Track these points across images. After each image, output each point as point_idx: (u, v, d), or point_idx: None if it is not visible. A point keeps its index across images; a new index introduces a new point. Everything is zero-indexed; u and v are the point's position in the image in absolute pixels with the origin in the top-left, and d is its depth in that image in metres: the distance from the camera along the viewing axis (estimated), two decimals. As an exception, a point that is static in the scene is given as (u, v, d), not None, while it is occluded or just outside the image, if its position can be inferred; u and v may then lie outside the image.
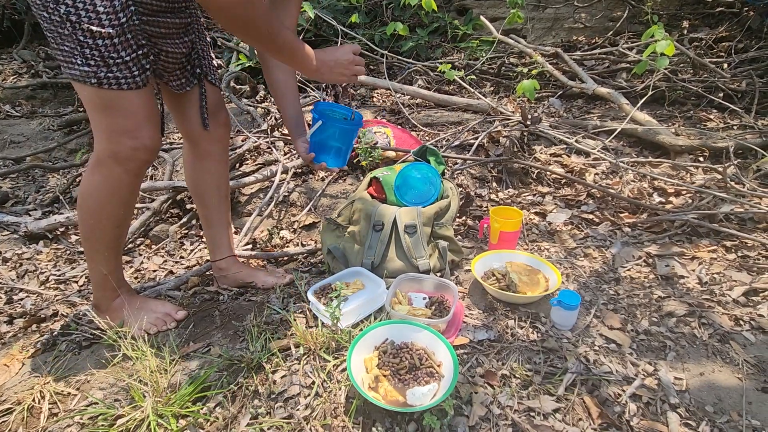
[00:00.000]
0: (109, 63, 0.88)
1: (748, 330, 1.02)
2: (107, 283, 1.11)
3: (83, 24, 0.84)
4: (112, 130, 0.95)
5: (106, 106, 0.93)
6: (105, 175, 0.99)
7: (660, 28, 1.94)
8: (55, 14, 0.84)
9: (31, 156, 2.71)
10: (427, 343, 0.96)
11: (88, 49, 0.87)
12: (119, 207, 1.05)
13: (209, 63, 1.12)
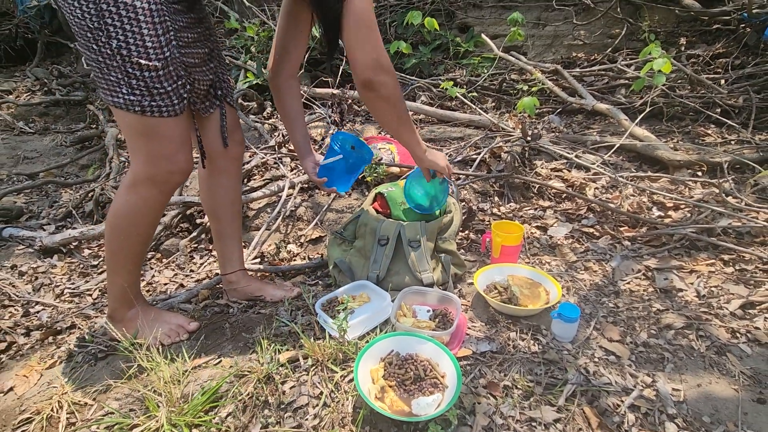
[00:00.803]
0: (153, 93, 0.94)
1: (744, 342, 1.05)
2: (125, 295, 1.16)
3: (133, 58, 0.90)
4: (152, 154, 1.01)
5: (147, 132, 0.98)
6: (141, 196, 1.05)
7: (657, 45, 2.00)
8: (106, 47, 0.90)
9: (45, 171, 2.78)
10: (431, 354, 0.99)
11: (134, 80, 0.92)
12: (149, 225, 1.11)
13: (228, 85, 1.18)
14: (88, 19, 0.88)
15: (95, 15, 0.87)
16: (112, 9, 0.86)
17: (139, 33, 0.89)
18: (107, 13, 0.87)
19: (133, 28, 0.88)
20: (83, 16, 0.88)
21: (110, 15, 0.87)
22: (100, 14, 0.87)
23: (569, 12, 3.12)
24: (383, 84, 0.99)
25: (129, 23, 0.88)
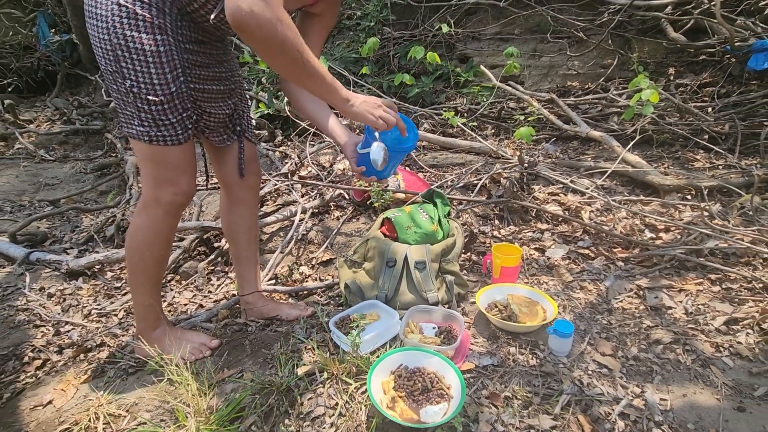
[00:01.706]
0: (158, 124, 1.06)
1: (727, 356, 1.13)
2: (149, 314, 1.26)
3: (142, 95, 1.03)
4: (157, 179, 1.13)
5: (154, 158, 1.11)
6: (150, 216, 1.16)
7: (645, 77, 2.14)
8: (122, 87, 1.04)
9: (66, 198, 2.92)
10: (437, 367, 1.08)
11: (144, 113, 1.05)
12: (162, 246, 1.21)
13: (248, 122, 1.31)
14: (109, 64, 1.02)
15: (113, 60, 1.01)
16: (126, 54, 1.00)
17: (147, 73, 1.01)
18: (122, 58, 1.00)
19: (142, 69, 1.01)
20: (106, 62, 1.02)
21: (124, 59, 1.00)
22: (116, 59, 1.00)
23: (563, 44, 3.29)
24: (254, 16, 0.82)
25: (139, 65, 1.00)
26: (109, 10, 0.97)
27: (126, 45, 0.98)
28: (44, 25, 4.64)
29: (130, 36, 0.98)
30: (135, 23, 0.97)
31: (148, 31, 0.98)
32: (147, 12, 0.98)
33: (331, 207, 2.11)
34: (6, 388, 1.25)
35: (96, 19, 0.99)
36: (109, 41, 0.99)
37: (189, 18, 1.05)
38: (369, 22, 3.63)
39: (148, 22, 0.98)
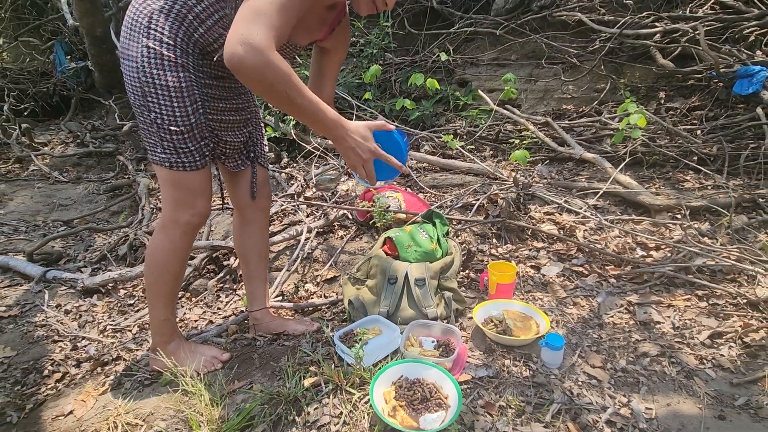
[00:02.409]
0: (179, 152, 1.17)
1: (710, 368, 1.20)
2: (165, 328, 1.33)
3: (164, 126, 1.14)
4: (176, 201, 1.22)
5: (173, 183, 1.20)
6: (168, 236, 1.25)
7: (632, 102, 2.26)
8: (147, 118, 1.14)
9: (79, 219, 3.03)
10: (435, 378, 1.14)
11: (166, 142, 1.15)
12: (178, 263, 1.30)
13: (261, 149, 1.41)
14: (137, 98, 1.13)
15: (141, 95, 1.12)
16: (152, 90, 1.11)
17: (170, 106, 1.12)
18: (148, 93, 1.11)
19: (165, 103, 1.12)
20: (134, 96, 1.14)
21: (150, 94, 1.11)
22: (143, 94, 1.12)
23: (558, 69, 3.43)
24: (245, 62, 0.90)
25: (163, 99, 1.11)
26: (140, 52, 1.08)
27: (152, 82, 1.09)
28: (61, 53, 4.84)
29: (156, 74, 1.09)
30: (161, 63, 1.09)
31: (172, 70, 1.10)
32: (172, 53, 1.09)
33: (335, 227, 2.20)
34: (28, 399, 1.33)
35: (128, 60, 1.11)
36: (138, 78, 1.10)
37: (209, 57, 1.17)
38: (372, 49, 3.80)
39: (173, 62, 1.09)
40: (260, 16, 0.92)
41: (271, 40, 0.92)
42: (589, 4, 3.35)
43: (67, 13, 4.24)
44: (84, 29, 3.84)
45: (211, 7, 1.09)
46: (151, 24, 1.08)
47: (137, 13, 1.09)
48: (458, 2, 3.96)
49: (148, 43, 1.08)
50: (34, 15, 5.43)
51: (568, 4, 3.44)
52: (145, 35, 1.08)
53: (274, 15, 0.93)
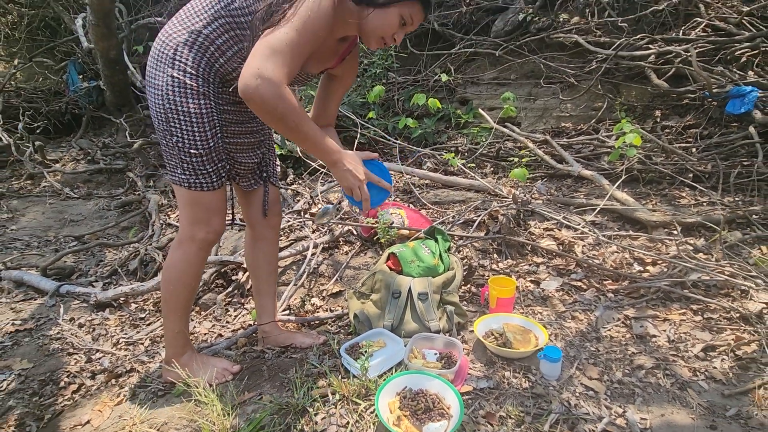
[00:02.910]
0: (197, 173, 1.24)
1: (703, 379, 1.24)
2: (179, 340, 1.39)
3: (185, 149, 1.22)
4: (193, 219, 1.29)
5: (191, 201, 1.28)
6: (184, 252, 1.32)
7: (628, 122, 2.34)
8: (170, 141, 1.22)
9: (90, 234, 3.10)
10: (438, 389, 1.19)
11: (186, 164, 1.23)
12: (193, 277, 1.36)
13: (274, 169, 1.49)
14: (160, 123, 1.22)
15: (164, 120, 1.21)
16: (174, 116, 1.19)
17: (191, 131, 1.20)
18: (171, 119, 1.20)
19: (187, 128, 1.20)
20: (158, 121, 1.22)
21: (173, 120, 1.20)
22: (167, 120, 1.20)
23: (556, 89, 3.53)
24: (259, 93, 1.00)
25: (185, 125, 1.20)
26: (165, 81, 1.17)
27: (175, 108, 1.18)
28: (74, 73, 4.99)
29: (179, 101, 1.17)
30: (184, 91, 1.17)
31: (194, 98, 1.18)
32: (194, 82, 1.18)
33: (341, 242, 2.27)
34: (47, 410, 1.38)
35: (154, 88, 1.20)
36: (162, 105, 1.19)
37: (228, 84, 1.25)
38: (375, 69, 3.92)
39: (195, 90, 1.18)
40: (275, 53, 1.02)
41: (283, 76, 1.02)
42: (585, 26, 3.46)
43: (82, 36, 4.39)
44: (99, 52, 3.98)
45: (231, 40, 1.18)
46: (176, 55, 1.17)
47: (164, 45, 1.19)
48: (459, 24, 4.09)
49: (173, 73, 1.17)
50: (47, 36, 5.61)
51: (565, 27, 3.56)
52: (170, 66, 1.17)
53: (288, 53, 1.03)
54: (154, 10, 5.06)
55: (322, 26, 1.08)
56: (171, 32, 1.19)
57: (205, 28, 1.17)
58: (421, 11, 1.18)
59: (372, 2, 1.13)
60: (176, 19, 1.21)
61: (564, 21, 3.63)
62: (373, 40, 1.19)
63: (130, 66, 4.39)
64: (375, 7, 1.14)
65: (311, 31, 1.06)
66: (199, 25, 1.17)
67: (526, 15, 3.72)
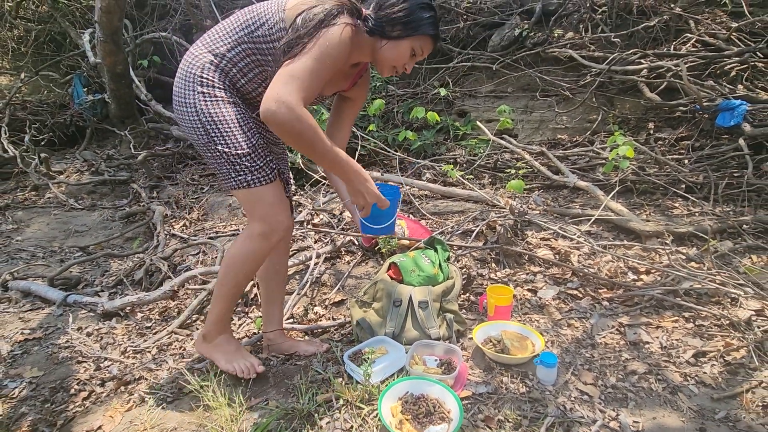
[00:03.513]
0: (252, 170, 1.29)
1: (693, 384, 1.29)
2: (221, 321, 1.45)
3: (232, 152, 1.27)
4: (264, 215, 1.33)
5: (255, 199, 1.32)
6: (255, 245, 1.35)
7: (621, 134, 2.41)
8: (215, 152, 1.28)
9: (95, 245, 3.15)
10: (438, 394, 1.24)
11: (237, 165, 1.28)
12: (254, 268, 1.41)
13: (288, 181, 1.55)
14: (201, 138, 1.28)
15: (204, 134, 1.27)
16: (213, 126, 1.26)
17: (232, 134, 1.27)
18: (210, 130, 1.26)
19: (228, 132, 1.26)
20: (198, 137, 1.28)
21: (213, 130, 1.26)
22: (206, 132, 1.27)
23: (552, 101, 3.62)
24: (278, 116, 1.09)
25: (225, 131, 1.26)
26: (196, 98, 1.25)
27: (212, 119, 1.25)
28: (79, 86, 5.08)
29: (214, 112, 1.25)
30: (217, 102, 1.25)
31: (226, 106, 1.26)
32: (223, 93, 1.26)
33: (342, 252, 2.32)
34: (59, 416, 1.42)
35: (186, 107, 1.27)
36: (199, 120, 1.26)
37: (251, 107, 1.34)
38: (375, 83, 4.01)
39: (226, 100, 1.27)
40: (294, 79, 1.11)
41: (300, 100, 1.11)
42: (579, 41, 3.56)
43: (89, 51, 4.49)
44: (106, 67, 4.07)
45: (252, 63, 1.27)
46: (203, 74, 1.25)
47: (190, 66, 1.27)
48: (457, 39, 4.20)
49: (203, 89, 1.25)
50: (53, 50, 5.72)
51: (560, 42, 3.66)
52: (198, 84, 1.25)
53: (306, 79, 1.12)
54: (158, 25, 5.18)
55: (340, 55, 1.17)
56: (196, 54, 1.28)
57: (228, 51, 1.25)
58: (431, 44, 1.28)
59: (386, 35, 1.23)
60: (201, 42, 1.30)
61: (558, 36, 3.73)
62: (386, 68, 1.29)
63: (135, 79, 4.48)
64: (389, 39, 1.23)
65: (330, 60, 1.14)
66: (223, 48, 1.26)
67: (522, 30, 3.82)
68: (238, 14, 1.29)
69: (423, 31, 1.24)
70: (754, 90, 2.93)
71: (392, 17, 1.22)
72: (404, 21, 1.22)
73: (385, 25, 1.23)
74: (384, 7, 1.23)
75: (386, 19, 1.23)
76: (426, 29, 1.24)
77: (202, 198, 3.52)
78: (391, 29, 1.23)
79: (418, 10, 1.22)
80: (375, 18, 1.23)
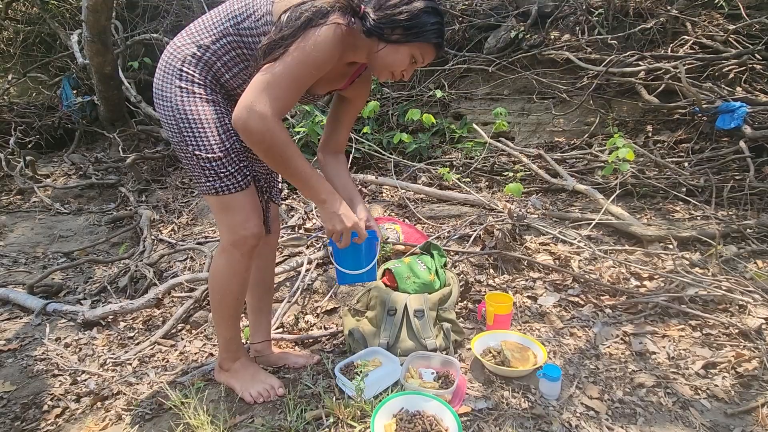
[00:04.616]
0: (221, 176, 1.21)
1: (705, 398, 1.22)
2: (230, 347, 1.37)
3: (202, 154, 1.19)
4: (230, 225, 1.24)
5: (224, 207, 1.24)
6: (227, 259, 1.27)
7: (620, 137, 2.35)
8: (187, 152, 1.20)
9: (79, 250, 3.05)
10: (436, 411, 1.16)
11: (207, 170, 1.20)
12: (240, 284, 1.32)
13: (277, 190, 1.47)
14: (174, 135, 1.20)
15: (177, 132, 1.19)
16: (186, 125, 1.18)
17: (205, 136, 1.18)
18: (184, 129, 1.18)
19: (200, 134, 1.18)
20: (172, 134, 1.21)
21: (185, 129, 1.18)
22: (180, 130, 1.19)
23: (548, 104, 3.57)
24: (248, 125, 1.03)
25: (197, 131, 1.18)
26: (173, 92, 1.17)
27: (186, 117, 1.17)
28: (68, 88, 4.98)
29: (189, 110, 1.17)
30: (193, 99, 1.17)
31: (203, 104, 1.18)
32: (203, 90, 1.18)
33: (335, 258, 2.24)
34: (28, 435, 1.32)
35: (163, 100, 1.19)
36: (173, 116, 1.18)
37: (233, 99, 1.24)
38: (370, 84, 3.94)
39: (204, 98, 1.18)
40: (270, 86, 1.04)
41: (274, 110, 1.04)
42: (576, 43, 3.52)
43: (78, 52, 4.39)
44: (93, 67, 3.97)
45: (237, 57, 1.19)
46: (183, 67, 1.17)
47: (172, 58, 1.19)
48: (452, 41, 4.15)
49: (181, 84, 1.17)
50: (42, 52, 5.61)
51: (557, 44, 3.61)
52: (177, 77, 1.17)
53: (284, 87, 1.05)
54: (150, 26, 5.10)
55: (327, 59, 1.08)
56: (179, 45, 1.19)
57: (213, 43, 1.17)
58: (432, 52, 1.19)
59: (384, 38, 1.14)
60: (185, 32, 1.21)
61: (555, 38, 3.69)
62: (383, 73, 1.20)
63: (124, 81, 4.39)
64: (387, 43, 1.14)
65: (315, 64, 1.07)
66: (207, 40, 1.18)
67: (518, 32, 3.78)
68: (226, 4, 1.21)
69: (426, 38, 1.15)
70: (753, 92, 2.90)
71: (392, 19, 1.12)
72: (406, 25, 1.12)
73: (384, 27, 1.13)
74: (384, 7, 1.13)
75: (386, 20, 1.12)
76: (429, 36, 1.15)
77: (192, 202, 3.43)
78: (390, 32, 1.13)
79: (423, 15, 1.12)
80: (373, 18, 1.13)
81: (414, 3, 1.12)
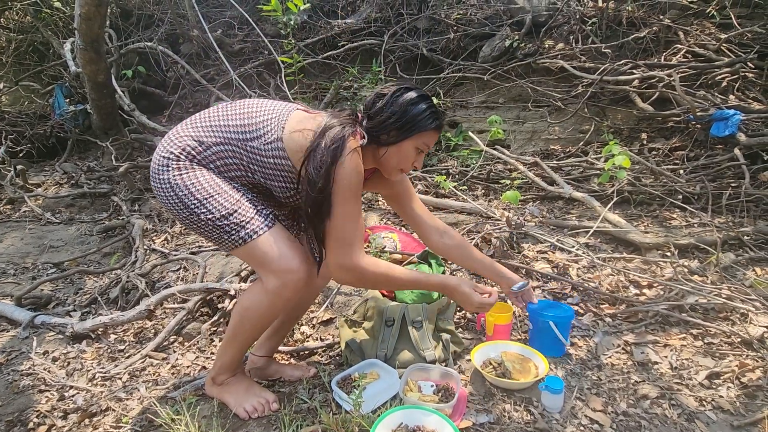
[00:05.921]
0: (242, 225, 1.16)
1: (710, 410, 1.19)
2: (231, 365, 1.33)
3: (216, 215, 1.16)
4: (274, 270, 1.16)
5: (258, 254, 1.17)
6: (271, 301, 1.19)
7: (616, 144, 2.35)
8: (200, 222, 1.17)
9: (70, 261, 2.99)
10: (436, 425, 1.12)
11: (227, 227, 1.16)
12: (271, 319, 1.28)
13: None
14: (181, 212, 1.17)
15: (184, 208, 1.17)
16: (191, 197, 1.16)
17: (211, 198, 1.16)
18: (190, 203, 1.16)
19: (207, 198, 1.15)
20: (178, 211, 1.18)
21: (192, 202, 1.16)
22: (185, 206, 1.16)
23: (544, 112, 3.58)
24: (350, 280, 1.22)
25: (202, 197, 1.15)
26: (170, 175, 1.16)
27: (187, 190, 1.15)
28: (61, 96, 4.94)
29: (189, 183, 1.16)
30: (188, 173, 1.17)
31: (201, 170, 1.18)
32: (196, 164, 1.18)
33: (331, 267, 2.20)
34: (11, 455, 1.27)
35: (160, 183, 1.18)
36: (175, 195, 1.16)
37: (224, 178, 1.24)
38: (366, 93, 3.94)
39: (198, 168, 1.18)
40: (341, 240, 1.14)
41: (356, 252, 1.15)
42: (570, 52, 3.54)
43: (70, 60, 4.36)
44: (86, 76, 3.94)
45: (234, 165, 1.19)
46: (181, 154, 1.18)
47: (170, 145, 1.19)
48: (447, 50, 4.17)
49: (178, 164, 1.17)
50: (35, 60, 5.58)
51: (551, 53, 3.64)
52: (175, 160, 1.17)
53: (349, 230, 1.13)
54: (144, 35, 5.08)
55: (360, 183, 1.14)
56: (181, 134, 1.19)
57: (215, 145, 1.18)
58: (435, 135, 1.21)
59: (383, 143, 1.17)
60: (189, 124, 1.21)
61: (549, 47, 3.72)
62: (393, 172, 1.24)
63: (118, 90, 4.36)
64: (387, 146, 1.16)
65: (354, 197, 1.13)
66: (209, 140, 1.18)
67: (513, 41, 3.80)
68: (234, 111, 1.20)
69: (423, 128, 1.16)
70: (746, 100, 2.92)
71: (384, 125, 1.15)
72: (399, 125, 1.15)
73: (380, 134, 1.16)
74: (372, 117, 1.17)
75: (379, 128, 1.16)
76: (425, 125, 1.16)
77: (186, 211, 3.38)
78: (386, 137, 1.17)
79: (411, 108, 1.14)
80: (367, 129, 1.16)
81: (398, 100, 1.14)
